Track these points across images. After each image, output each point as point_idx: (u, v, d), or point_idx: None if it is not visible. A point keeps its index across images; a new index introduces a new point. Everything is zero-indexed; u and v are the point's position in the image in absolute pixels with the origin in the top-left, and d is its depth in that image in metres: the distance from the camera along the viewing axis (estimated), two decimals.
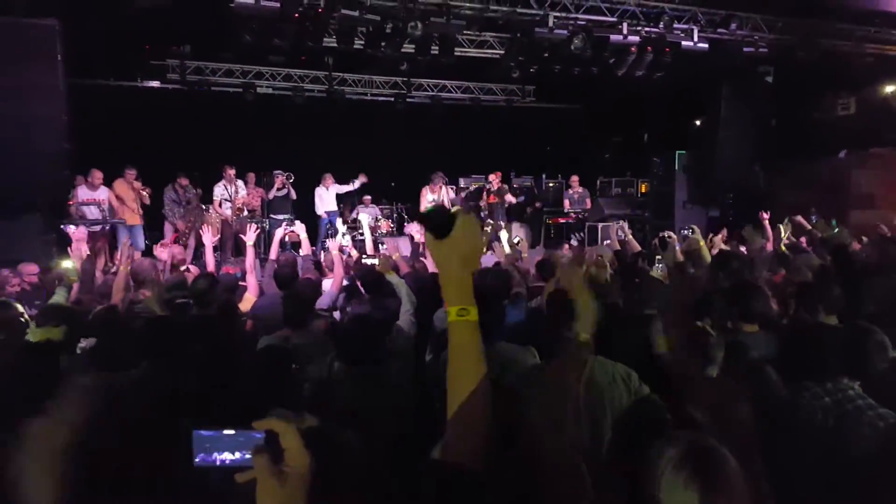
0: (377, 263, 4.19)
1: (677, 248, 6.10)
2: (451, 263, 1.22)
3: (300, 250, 7.46)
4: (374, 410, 2.99)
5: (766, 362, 2.94)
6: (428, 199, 10.92)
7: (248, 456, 0.91)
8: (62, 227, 6.29)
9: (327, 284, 4.93)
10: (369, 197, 11.65)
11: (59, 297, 3.79)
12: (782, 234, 6.30)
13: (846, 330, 3.11)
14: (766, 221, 6.45)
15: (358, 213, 11.21)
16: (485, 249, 5.66)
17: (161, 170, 9.68)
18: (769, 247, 5.89)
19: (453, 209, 1.25)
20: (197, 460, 0.94)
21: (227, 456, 0.93)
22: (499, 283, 4.15)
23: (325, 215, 10.80)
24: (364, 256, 6.30)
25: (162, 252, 5.91)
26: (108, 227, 8.46)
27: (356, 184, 10.88)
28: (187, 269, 5.39)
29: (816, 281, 4.16)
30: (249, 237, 5.15)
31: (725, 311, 3.40)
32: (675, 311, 3.65)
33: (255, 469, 0.89)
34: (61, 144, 7.09)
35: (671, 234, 7.54)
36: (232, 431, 0.93)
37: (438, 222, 1.22)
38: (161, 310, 3.57)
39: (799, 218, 7.21)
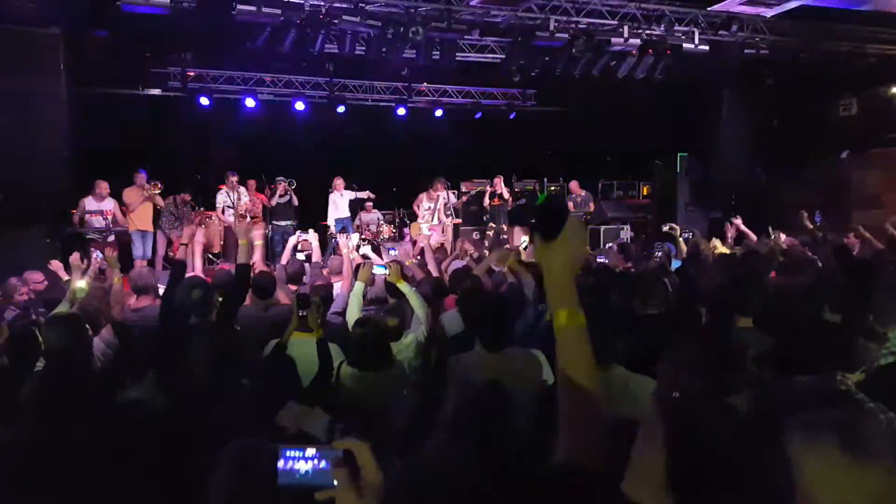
0: (388, 273, 4.17)
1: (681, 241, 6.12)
2: (557, 267, 1.24)
3: (310, 257, 7.48)
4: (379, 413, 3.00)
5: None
6: (424, 206, 10.90)
7: (327, 467, 1.01)
8: (92, 251, 6.26)
9: (337, 287, 4.93)
10: (371, 202, 11.65)
11: (62, 310, 3.78)
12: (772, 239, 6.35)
13: (837, 325, 3.16)
14: (743, 226, 6.48)
15: (361, 220, 11.21)
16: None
17: (164, 177, 9.69)
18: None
19: (565, 212, 1.26)
20: (279, 469, 1.02)
21: (306, 467, 1.02)
22: (513, 290, 4.17)
23: (335, 223, 10.70)
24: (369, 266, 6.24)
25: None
26: (111, 237, 8.45)
27: (366, 192, 10.88)
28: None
29: (821, 280, 4.20)
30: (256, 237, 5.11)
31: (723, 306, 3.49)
32: None
33: (336, 482, 0.99)
34: (64, 153, 7.12)
35: (674, 225, 7.57)
36: (313, 450, 1.03)
37: (549, 223, 1.22)
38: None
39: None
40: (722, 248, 6.36)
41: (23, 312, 4.39)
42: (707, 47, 8.74)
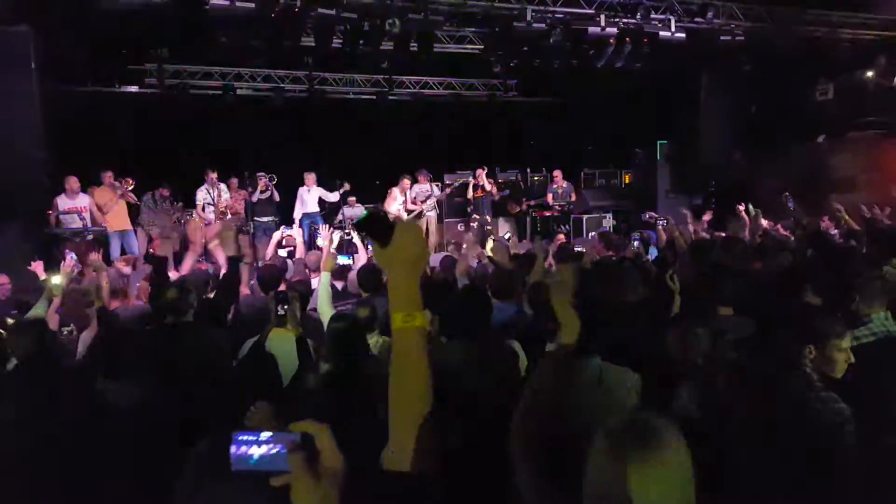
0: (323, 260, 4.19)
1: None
2: (395, 271, 1.23)
3: (293, 253, 7.49)
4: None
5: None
6: (398, 200, 10.76)
7: (282, 451, 0.94)
8: (66, 253, 6.23)
9: (316, 282, 4.93)
10: (354, 197, 11.60)
11: (39, 309, 3.75)
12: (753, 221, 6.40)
13: (819, 308, 3.21)
14: (743, 212, 6.53)
15: (344, 215, 11.17)
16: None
17: (142, 175, 9.59)
18: (746, 235, 5.95)
19: (391, 217, 1.29)
20: (232, 455, 0.96)
21: (261, 451, 0.95)
22: (487, 282, 4.17)
23: (304, 218, 10.60)
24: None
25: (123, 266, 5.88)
26: (89, 237, 8.34)
27: (337, 194, 10.77)
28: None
29: (803, 264, 4.24)
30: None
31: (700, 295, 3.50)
32: None
33: (291, 467, 0.93)
34: (37, 152, 7.01)
35: (653, 214, 7.63)
36: (269, 433, 0.96)
37: (376, 231, 1.23)
38: None
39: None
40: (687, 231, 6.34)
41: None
42: (683, 35, 8.78)
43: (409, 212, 10.74)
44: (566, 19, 8.15)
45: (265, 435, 0.95)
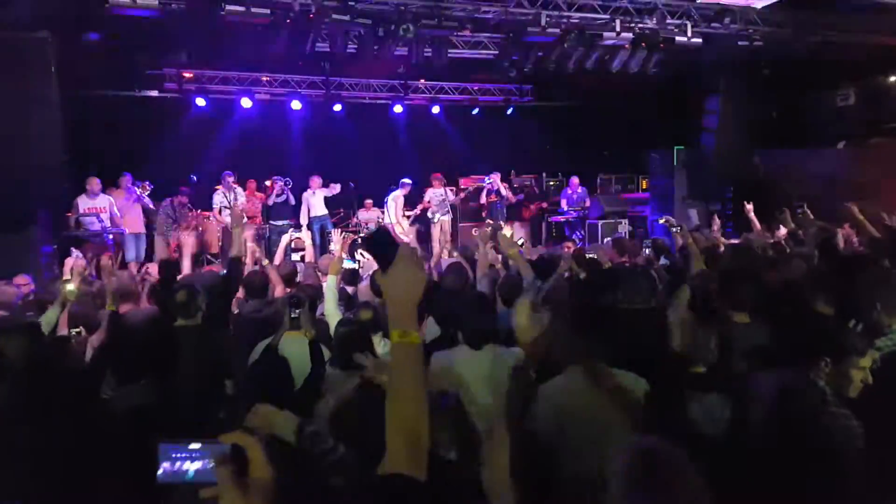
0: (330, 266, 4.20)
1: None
2: (395, 295, 1.32)
3: (304, 257, 7.52)
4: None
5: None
6: (400, 203, 10.79)
7: (211, 465, 0.93)
8: (72, 251, 6.36)
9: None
10: (370, 200, 11.66)
11: (51, 314, 3.78)
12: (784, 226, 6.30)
13: (830, 317, 3.14)
14: (752, 213, 6.43)
15: (359, 218, 11.22)
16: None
17: (160, 179, 9.74)
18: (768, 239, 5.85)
19: (396, 241, 1.33)
20: (161, 472, 0.94)
21: (192, 467, 0.94)
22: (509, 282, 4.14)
23: (313, 222, 10.64)
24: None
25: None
26: (109, 238, 8.50)
27: (338, 186, 10.79)
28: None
29: (817, 272, 4.14)
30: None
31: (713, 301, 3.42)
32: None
33: (218, 479, 0.91)
34: (58, 156, 7.15)
35: (670, 218, 7.53)
36: (198, 445, 0.95)
37: (379, 254, 1.31)
38: None
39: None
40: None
41: (11, 315, 4.41)
42: (700, 40, 8.70)
43: (406, 216, 10.89)
44: (581, 24, 8.12)
45: (195, 446, 0.95)
